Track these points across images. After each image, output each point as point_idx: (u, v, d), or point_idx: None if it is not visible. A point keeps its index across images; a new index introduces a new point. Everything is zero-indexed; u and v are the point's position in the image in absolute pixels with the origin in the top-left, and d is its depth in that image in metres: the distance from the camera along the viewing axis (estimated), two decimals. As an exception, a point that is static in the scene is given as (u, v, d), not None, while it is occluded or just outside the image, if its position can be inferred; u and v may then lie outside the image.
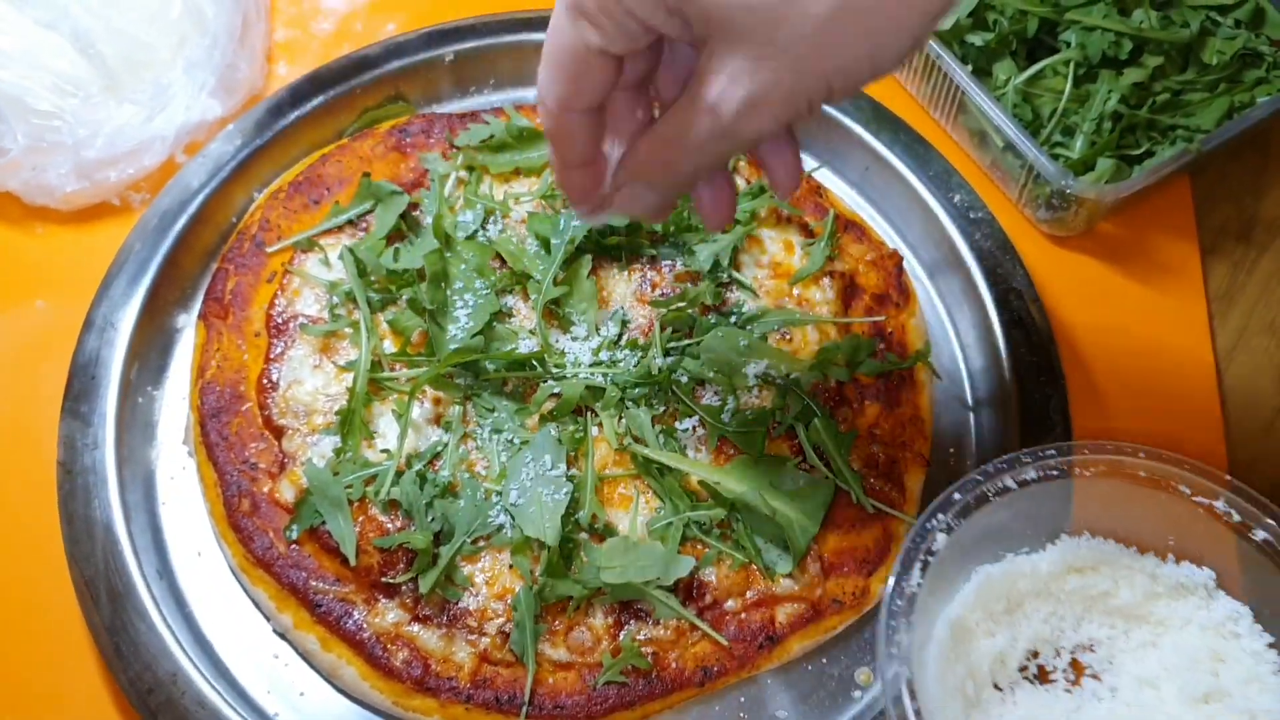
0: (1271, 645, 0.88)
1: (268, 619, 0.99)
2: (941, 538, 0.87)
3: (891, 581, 0.85)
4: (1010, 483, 0.90)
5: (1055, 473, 0.91)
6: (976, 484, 0.90)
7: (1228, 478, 0.89)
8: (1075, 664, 0.92)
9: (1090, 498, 0.93)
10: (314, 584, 0.97)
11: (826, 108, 1.24)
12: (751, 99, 0.66)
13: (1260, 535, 0.87)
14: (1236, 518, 0.88)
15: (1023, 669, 0.91)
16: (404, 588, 0.96)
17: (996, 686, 0.90)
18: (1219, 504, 0.88)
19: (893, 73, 0.67)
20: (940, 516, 0.87)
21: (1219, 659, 0.88)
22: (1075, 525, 0.94)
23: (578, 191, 0.80)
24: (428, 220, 1.13)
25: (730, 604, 0.98)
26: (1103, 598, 0.91)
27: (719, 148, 0.71)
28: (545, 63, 0.72)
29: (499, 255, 1.11)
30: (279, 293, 1.10)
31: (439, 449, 1.02)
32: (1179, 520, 0.91)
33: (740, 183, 1.19)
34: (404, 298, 1.08)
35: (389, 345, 1.07)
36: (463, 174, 1.19)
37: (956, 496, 0.88)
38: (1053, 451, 0.91)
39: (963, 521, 0.88)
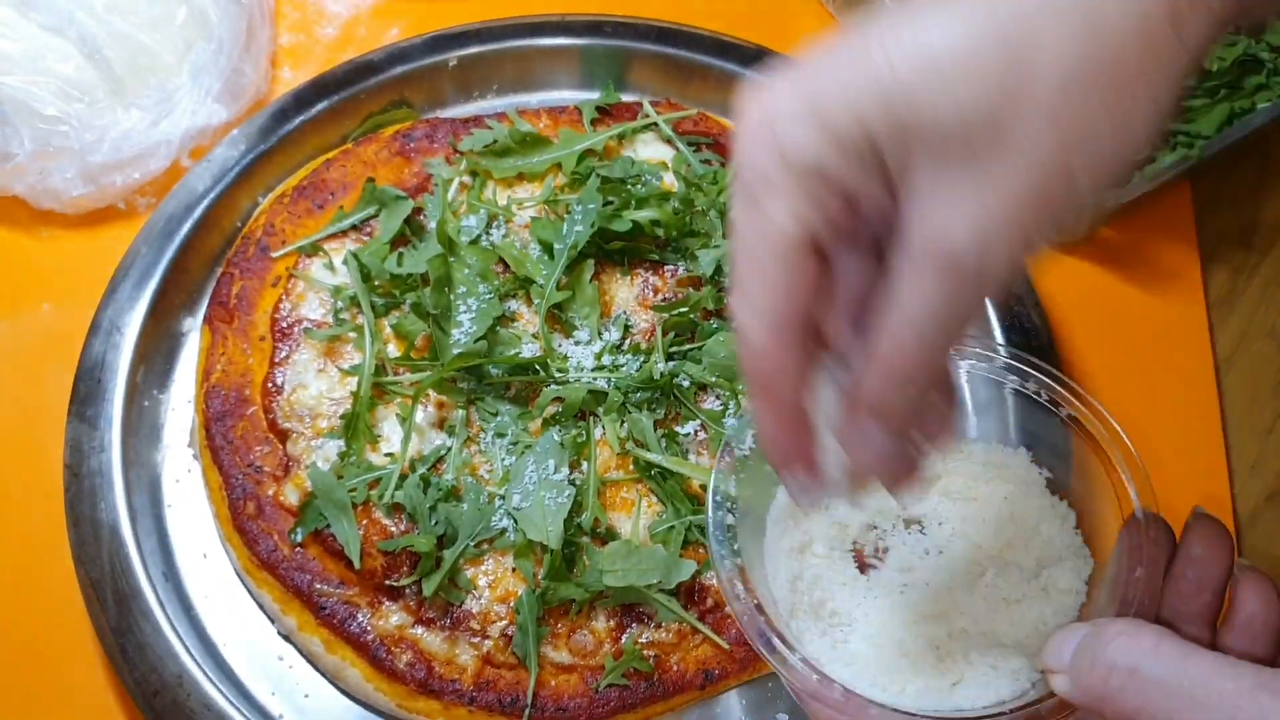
0: (1069, 506, 0.89)
1: (272, 621, 0.99)
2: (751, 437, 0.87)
3: (724, 443, 0.85)
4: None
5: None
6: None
7: (1037, 363, 0.88)
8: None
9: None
10: (318, 587, 0.97)
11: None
12: (987, 218, 0.51)
13: (1065, 413, 0.88)
14: (1045, 398, 0.89)
15: (858, 541, 0.91)
16: (408, 591, 0.97)
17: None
18: (1028, 386, 0.89)
19: (1144, 154, 0.56)
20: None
21: (1023, 525, 0.89)
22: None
23: (795, 452, 0.62)
24: (431, 225, 1.13)
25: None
26: (936, 479, 0.90)
27: (959, 304, 0.53)
28: (739, 279, 0.57)
29: (502, 260, 1.12)
30: (283, 297, 1.11)
31: (442, 453, 1.02)
32: (1001, 404, 0.92)
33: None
34: (407, 302, 1.09)
35: (393, 350, 1.08)
36: (466, 179, 1.19)
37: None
38: None
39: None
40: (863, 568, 0.88)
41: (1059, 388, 0.89)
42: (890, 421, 0.59)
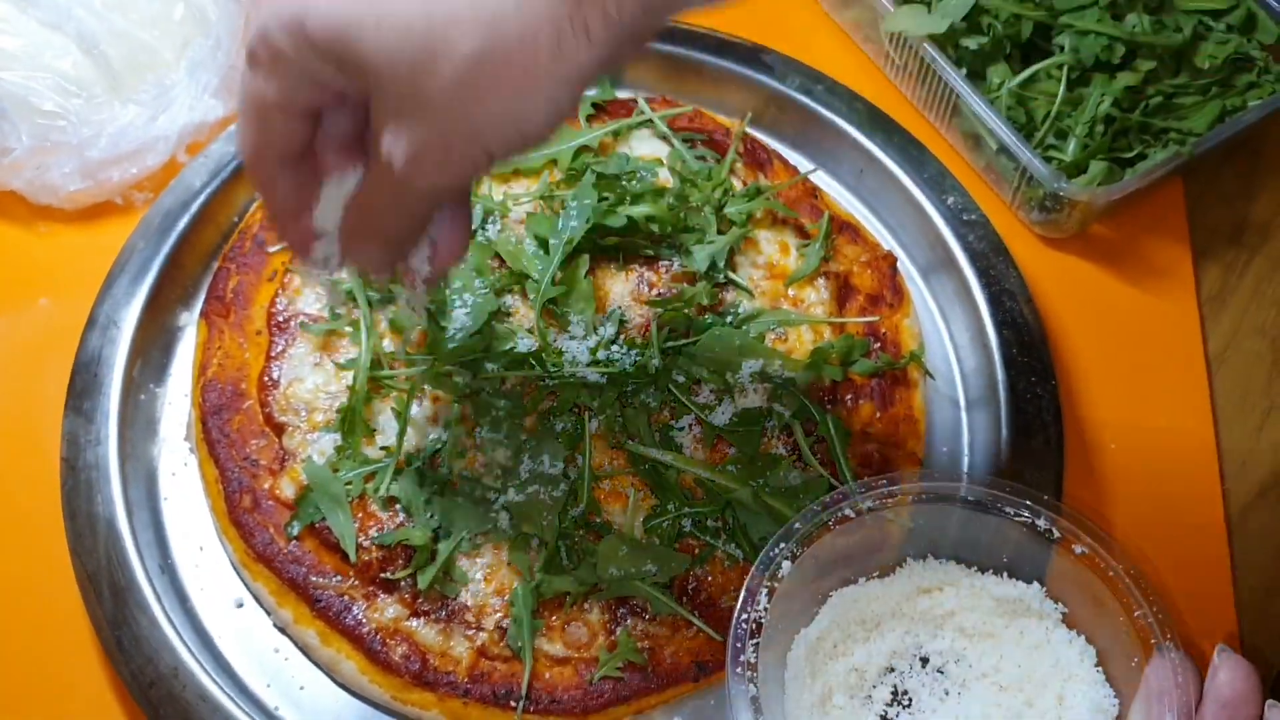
0: (1088, 642, 0.91)
1: (268, 614, 1.00)
2: (787, 565, 0.89)
3: (738, 608, 0.87)
4: (849, 511, 0.92)
5: (890, 501, 0.93)
6: (815, 514, 0.92)
7: (1045, 498, 0.91)
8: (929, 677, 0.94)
9: (929, 523, 0.95)
10: (314, 579, 0.98)
11: (823, 111, 1.26)
12: (414, 155, 0.67)
13: (1079, 549, 0.89)
14: (1057, 535, 0.90)
15: (878, 686, 0.93)
16: (403, 583, 0.97)
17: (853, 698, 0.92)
18: (1040, 522, 0.91)
19: (544, 139, 0.68)
20: (783, 545, 0.90)
21: (1042, 661, 0.90)
22: (919, 549, 0.96)
23: (295, 244, 0.80)
24: (427, 220, 1.14)
25: (725, 600, 0.99)
26: (950, 616, 0.93)
27: (408, 204, 0.72)
28: (240, 114, 0.73)
29: (498, 255, 1.13)
30: (280, 291, 1.11)
31: (438, 446, 1.03)
32: (1007, 540, 0.93)
33: (735, 183, 1.20)
34: (403, 296, 1.09)
35: (389, 344, 1.08)
36: (462, 175, 1.20)
37: (797, 526, 0.91)
38: (884, 482, 0.93)
39: (805, 549, 0.90)
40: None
41: (1069, 523, 0.90)
42: (364, 253, 0.79)
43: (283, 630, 0.99)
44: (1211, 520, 1.10)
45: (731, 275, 1.14)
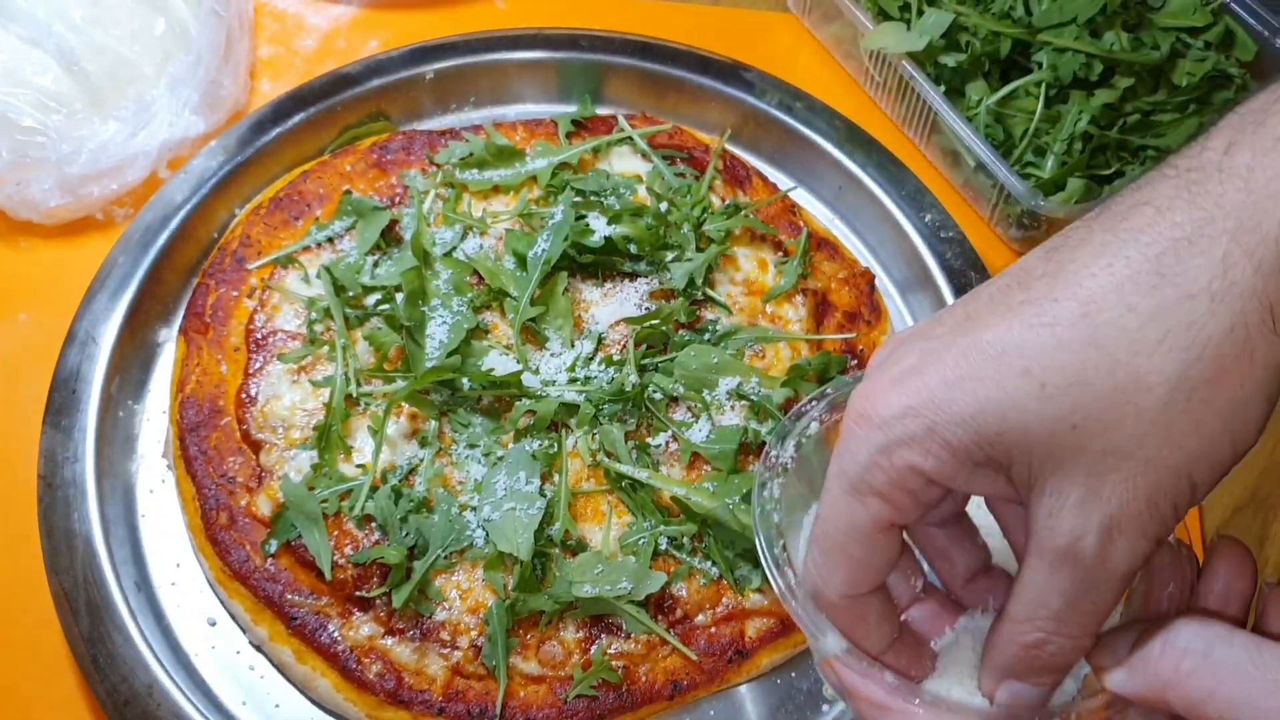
0: None
1: (244, 631, 1.00)
2: (815, 425, 0.88)
3: (768, 447, 0.86)
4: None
5: None
6: (847, 384, 0.91)
7: None
8: None
9: None
10: (290, 597, 0.98)
11: (802, 128, 1.26)
12: (1110, 523, 0.56)
13: None
14: None
15: None
16: (378, 601, 0.98)
17: None
18: None
19: (1255, 445, 0.57)
20: (815, 403, 0.89)
21: None
22: None
23: (910, 669, 0.67)
24: (407, 236, 1.14)
25: (700, 618, 0.99)
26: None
27: (1093, 601, 0.58)
28: (821, 547, 0.63)
29: (476, 272, 1.13)
30: (258, 308, 1.12)
31: (415, 464, 1.03)
32: None
33: (714, 200, 1.20)
34: (381, 312, 1.10)
35: (367, 357, 1.08)
36: (443, 191, 1.20)
37: (829, 391, 0.90)
38: None
39: (833, 415, 0.89)
40: None
41: None
42: (1031, 686, 0.63)
43: (258, 648, 0.99)
44: (1187, 535, 1.10)
45: (710, 292, 1.14)
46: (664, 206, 1.16)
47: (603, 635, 0.98)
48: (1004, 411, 0.55)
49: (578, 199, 1.16)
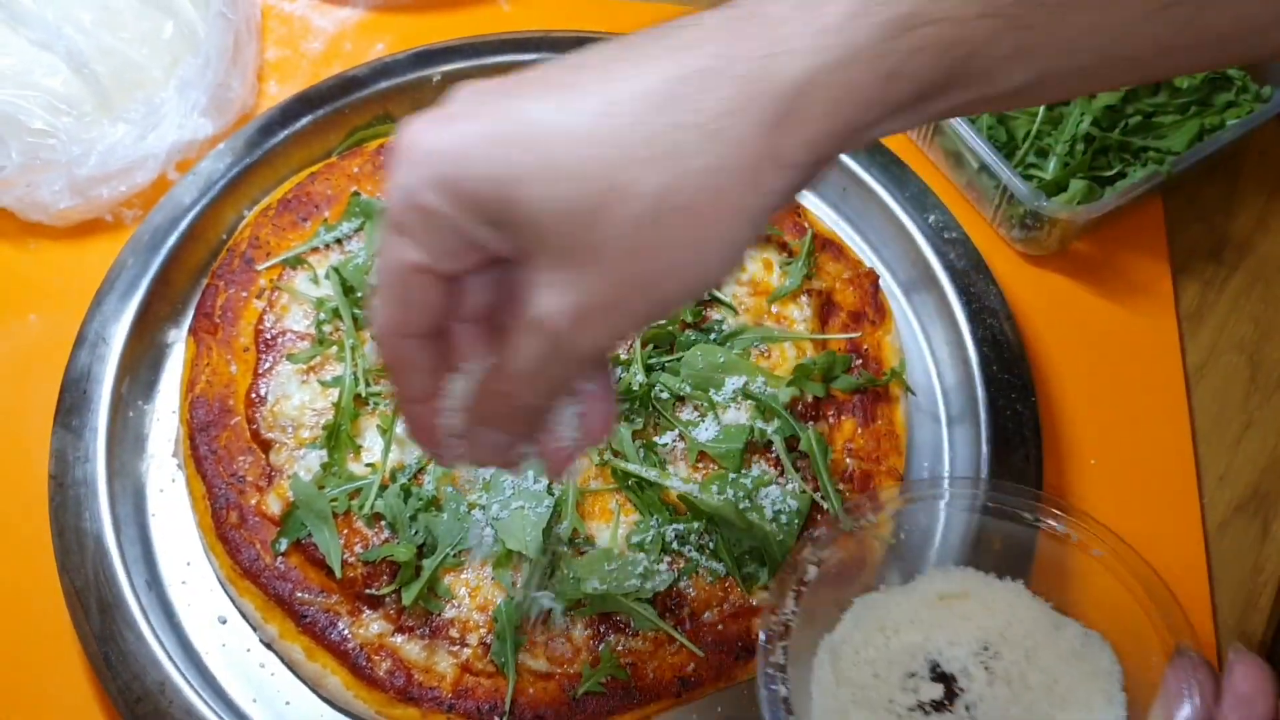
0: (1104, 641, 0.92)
1: (254, 629, 1.01)
2: (812, 569, 0.91)
3: (766, 610, 0.89)
4: (872, 518, 0.94)
5: (901, 506, 0.95)
6: (839, 521, 0.94)
7: (1059, 500, 0.93)
8: (948, 685, 0.95)
9: (951, 528, 0.98)
10: (299, 595, 0.99)
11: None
12: (579, 311, 0.60)
13: (1096, 553, 0.91)
14: (1075, 538, 0.92)
15: (902, 692, 0.94)
16: (388, 599, 0.98)
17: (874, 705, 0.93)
18: (1059, 526, 0.93)
19: (724, 281, 0.59)
20: (809, 550, 0.91)
21: (1066, 674, 0.91)
22: (938, 556, 0.98)
23: (423, 431, 0.71)
24: (414, 238, 1.15)
25: (708, 615, 1.00)
26: (966, 623, 0.94)
27: (555, 370, 0.64)
28: (376, 285, 0.66)
29: (484, 273, 1.14)
30: (267, 309, 1.12)
31: (423, 463, 1.04)
32: (1024, 545, 0.95)
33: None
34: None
35: (375, 357, 1.09)
36: (449, 192, 1.21)
37: (821, 532, 0.92)
38: (909, 488, 0.97)
39: (831, 553, 0.92)
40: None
41: (1086, 527, 0.92)
42: (499, 432, 0.69)
43: (269, 646, 1.00)
44: (1190, 534, 1.11)
45: (715, 292, 1.15)
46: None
47: (611, 633, 0.98)
48: (518, 179, 0.57)
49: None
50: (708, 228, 0.59)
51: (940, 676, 0.94)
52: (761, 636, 0.87)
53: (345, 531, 1.00)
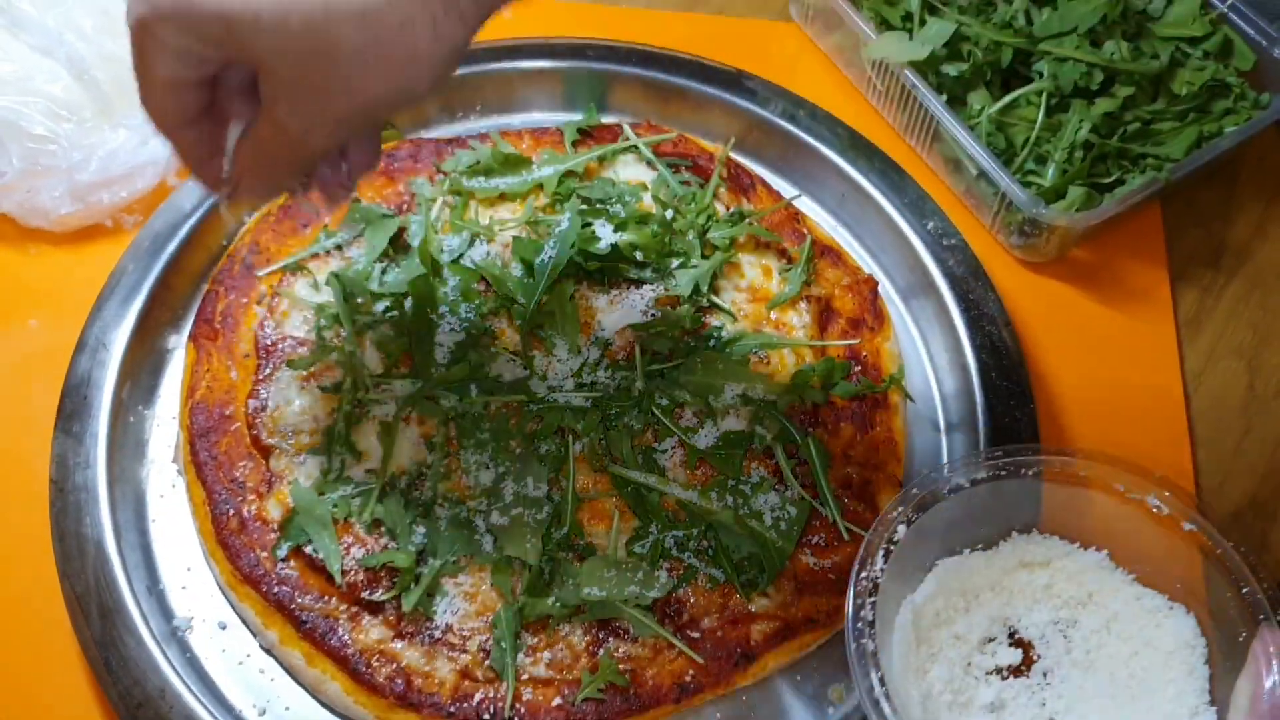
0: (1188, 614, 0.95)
1: (254, 635, 1.01)
2: (901, 529, 0.93)
3: (856, 566, 0.90)
4: (963, 480, 0.96)
5: (1003, 473, 0.97)
6: (933, 481, 0.96)
7: (1158, 475, 0.96)
8: (1026, 651, 0.98)
9: (1037, 498, 1.00)
10: (299, 600, 0.99)
11: (805, 136, 1.27)
12: (307, 127, 0.74)
13: (1188, 527, 0.94)
14: (1166, 511, 0.94)
15: (979, 655, 0.96)
16: (387, 605, 0.99)
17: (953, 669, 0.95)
18: (1150, 499, 0.95)
19: (429, 97, 0.76)
20: (900, 509, 0.93)
21: (1147, 645, 0.95)
22: (1024, 523, 1.00)
23: (209, 184, 0.84)
24: (415, 243, 1.15)
25: (706, 622, 1.00)
26: (1047, 591, 0.97)
27: (298, 155, 0.78)
28: (139, 84, 0.75)
29: (484, 279, 1.14)
30: (267, 315, 1.13)
31: (423, 469, 1.04)
32: (1117, 518, 0.97)
33: (719, 208, 1.21)
34: (390, 316, 1.11)
35: (375, 363, 1.09)
36: (450, 198, 1.21)
37: (914, 491, 0.95)
38: (1000, 453, 0.98)
39: (921, 515, 0.94)
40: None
41: (1177, 501, 0.95)
42: (257, 188, 0.85)
43: (269, 651, 1.00)
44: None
45: (714, 299, 1.15)
46: (669, 214, 1.18)
47: (610, 638, 0.99)
48: (244, 25, 0.67)
49: (584, 206, 1.17)
50: (406, 69, 0.72)
51: (1018, 642, 0.96)
52: (851, 592, 0.88)
53: (345, 537, 1.00)
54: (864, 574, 0.91)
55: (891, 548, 0.92)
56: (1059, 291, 1.25)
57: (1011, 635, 0.97)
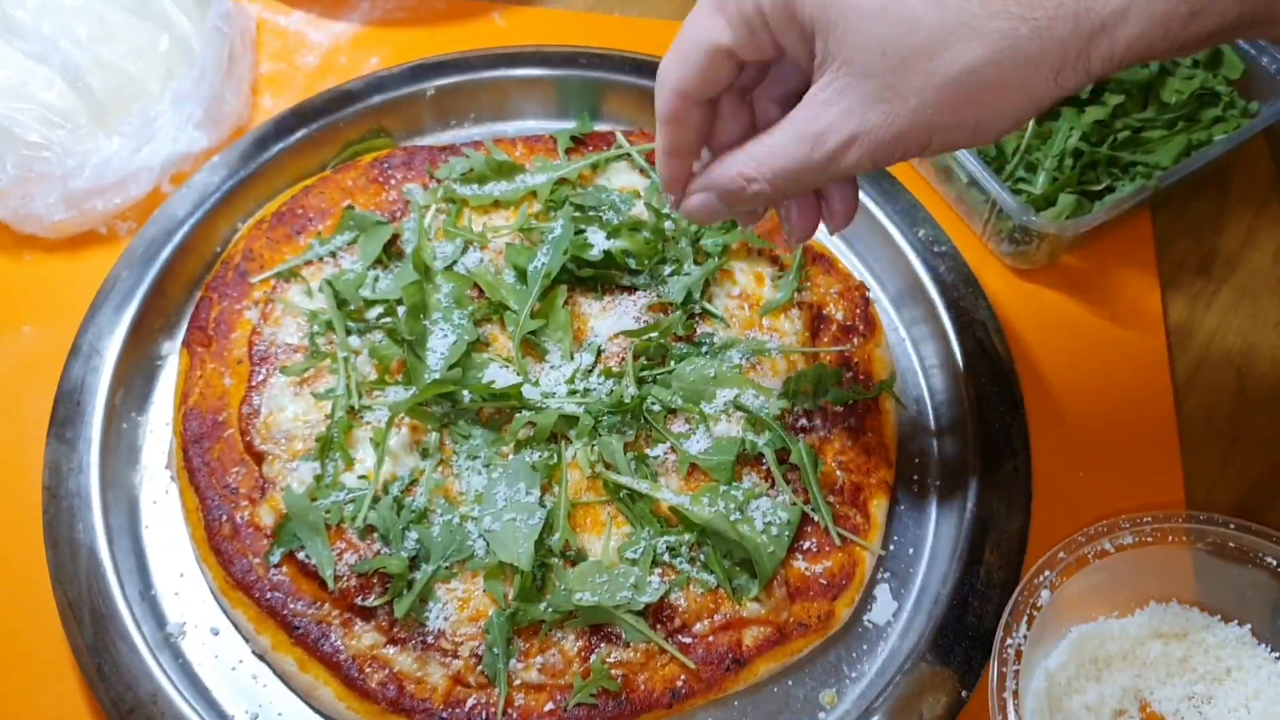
0: None
1: (247, 640, 1.01)
2: (1046, 594, 0.91)
3: (1000, 633, 0.89)
4: (1109, 546, 0.94)
5: (1150, 539, 0.95)
6: (1078, 545, 0.95)
7: None
8: None
9: (1180, 566, 0.97)
10: (292, 606, 0.99)
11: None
12: (857, 135, 0.69)
13: None
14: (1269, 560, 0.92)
15: None
16: (380, 611, 0.99)
17: None
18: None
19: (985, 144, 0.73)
20: (1047, 573, 0.92)
21: None
22: (1163, 592, 0.98)
23: (672, 180, 0.82)
24: (409, 250, 1.16)
25: (698, 627, 1.00)
26: (1182, 665, 0.95)
27: (807, 177, 0.73)
28: (675, 49, 0.75)
29: (477, 285, 1.14)
30: (261, 322, 1.13)
31: (416, 475, 1.04)
32: (1263, 592, 0.94)
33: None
34: (383, 323, 1.11)
35: (368, 369, 1.10)
36: (443, 206, 1.22)
37: (1062, 555, 0.93)
38: (1149, 519, 0.96)
39: (1065, 580, 0.93)
40: None
41: None
42: (719, 205, 0.81)
43: (261, 657, 1.00)
44: (1177, 548, 1.11)
45: (707, 305, 1.15)
46: (665, 223, 1.18)
47: (602, 644, 0.99)
48: (850, 6, 0.65)
49: (577, 214, 1.18)
50: (1005, 103, 0.66)
51: (1150, 716, 0.94)
52: (995, 660, 0.87)
53: (338, 543, 1.01)
54: (1009, 641, 0.89)
55: (1035, 614, 0.90)
56: (1049, 299, 1.26)
57: (1144, 709, 0.95)
